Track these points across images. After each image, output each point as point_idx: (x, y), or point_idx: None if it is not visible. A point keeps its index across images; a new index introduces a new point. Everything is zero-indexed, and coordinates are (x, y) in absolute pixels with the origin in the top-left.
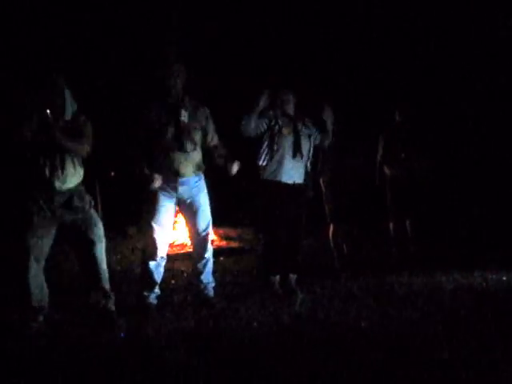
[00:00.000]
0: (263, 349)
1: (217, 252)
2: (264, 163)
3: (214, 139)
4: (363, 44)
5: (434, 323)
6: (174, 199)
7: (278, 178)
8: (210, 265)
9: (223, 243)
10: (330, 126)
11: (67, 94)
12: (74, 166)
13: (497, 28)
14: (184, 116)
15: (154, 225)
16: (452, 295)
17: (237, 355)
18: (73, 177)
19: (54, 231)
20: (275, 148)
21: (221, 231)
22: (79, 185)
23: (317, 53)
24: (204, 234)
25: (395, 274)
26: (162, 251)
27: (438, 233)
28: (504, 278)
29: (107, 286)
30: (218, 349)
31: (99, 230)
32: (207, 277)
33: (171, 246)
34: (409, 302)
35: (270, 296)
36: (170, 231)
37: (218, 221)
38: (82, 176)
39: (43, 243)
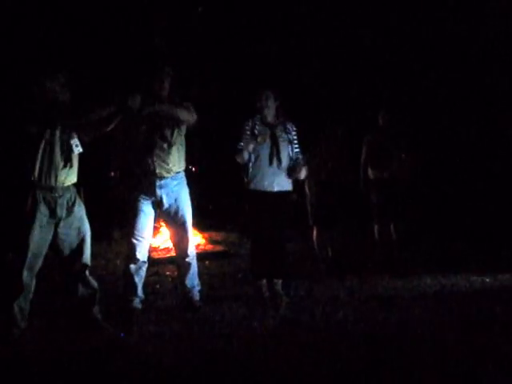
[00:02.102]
0: (248, 353)
1: (202, 256)
2: (246, 175)
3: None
4: (348, 48)
5: (419, 325)
6: (153, 203)
7: (259, 188)
8: (194, 268)
9: (209, 247)
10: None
11: None
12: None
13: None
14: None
15: (133, 229)
16: (436, 297)
17: (222, 359)
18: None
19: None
20: (253, 158)
21: (206, 235)
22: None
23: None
24: (186, 237)
25: (380, 277)
26: (142, 255)
27: (422, 236)
28: (487, 280)
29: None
30: (202, 353)
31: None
32: (192, 280)
33: (156, 250)
34: (393, 304)
35: (255, 300)
36: (150, 235)
37: (203, 225)
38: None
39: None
